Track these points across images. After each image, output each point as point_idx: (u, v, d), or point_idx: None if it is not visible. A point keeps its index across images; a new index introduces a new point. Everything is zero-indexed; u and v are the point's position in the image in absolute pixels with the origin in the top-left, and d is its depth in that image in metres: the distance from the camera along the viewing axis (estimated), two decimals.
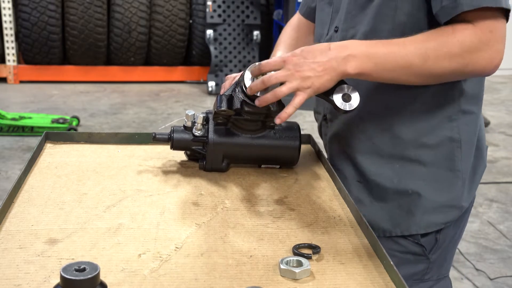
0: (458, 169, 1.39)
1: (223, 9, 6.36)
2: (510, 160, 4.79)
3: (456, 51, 1.21)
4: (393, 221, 1.41)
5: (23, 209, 1.22)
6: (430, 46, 1.22)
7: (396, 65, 1.23)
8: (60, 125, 4.83)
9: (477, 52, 1.21)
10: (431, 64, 1.22)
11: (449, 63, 1.22)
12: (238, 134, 1.42)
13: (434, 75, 1.25)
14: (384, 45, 1.24)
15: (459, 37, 1.21)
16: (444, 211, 1.40)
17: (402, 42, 1.24)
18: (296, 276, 1.00)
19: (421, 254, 1.43)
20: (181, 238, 1.14)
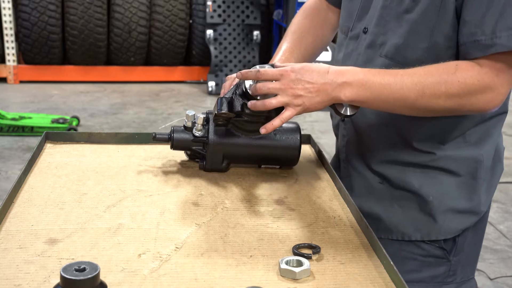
0: (480, 177, 1.39)
1: (223, 9, 6.36)
2: (510, 160, 4.79)
3: (454, 92, 1.21)
4: (414, 225, 1.40)
5: (23, 209, 1.22)
6: (429, 82, 1.22)
7: (391, 97, 1.24)
8: (60, 125, 4.83)
9: (476, 94, 1.21)
10: (426, 100, 1.22)
11: (445, 102, 1.22)
12: (238, 135, 1.42)
13: (428, 110, 1.26)
14: (382, 75, 1.24)
15: (461, 77, 1.20)
16: (464, 217, 1.40)
17: (401, 74, 1.24)
18: (296, 276, 1.00)
19: (442, 257, 1.42)
20: (181, 238, 1.14)
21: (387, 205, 1.42)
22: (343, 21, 1.51)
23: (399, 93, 1.23)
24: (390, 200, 1.42)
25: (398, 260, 1.31)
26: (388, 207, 1.42)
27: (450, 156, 1.37)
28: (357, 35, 1.42)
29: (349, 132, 1.49)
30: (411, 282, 1.36)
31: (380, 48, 1.35)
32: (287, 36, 1.60)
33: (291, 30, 1.61)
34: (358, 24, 1.43)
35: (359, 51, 1.41)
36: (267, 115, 1.36)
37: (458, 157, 1.37)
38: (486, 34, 1.19)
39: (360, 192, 1.46)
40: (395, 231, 1.42)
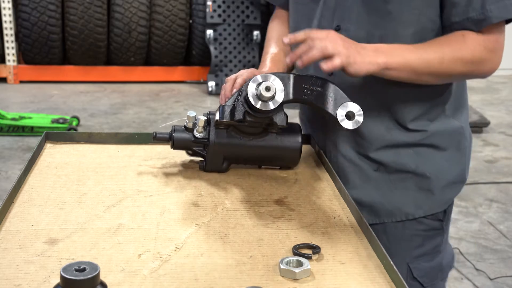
0: (463, 148, 1.52)
1: (223, 9, 6.36)
2: (510, 160, 4.79)
3: (468, 58, 1.35)
4: (415, 204, 1.50)
5: (23, 209, 1.22)
6: (446, 50, 1.34)
7: (418, 66, 1.34)
8: (60, 125, 4.83)
9: (484, 60, 1.36)
10: (446, 66, 1.35)
11: (461, 67, 1.36)
12: (239, 136, 1.42)
13: (447, 75, 1.39)
14: (407, 46, 1.36)
15: (470, 46, 1.34)
16: (455, 186, 1.53)
17: (424, 46, 1.36)
18: (296, 276, 1.00)
19: (439, 228, 1.54)
20: (181, 238, 1.14)
21: (385, 190, 1.50)
22: (297, 24, 1.56)
23: (423, 61, 1.34)
24: (387, 185, 1.50)
25: (404, 239, 1.50)
26: (387, 192, 1.50)
27: (437, 131, 1.47)
28: None
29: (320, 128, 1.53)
30: (417, 257, 1.52)
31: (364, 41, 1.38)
32: (269, 42, 1.65)
33: (270, 36, 1.67)
34: (325, 24, 1.46)
35: None
36: (269, 122, 1.36)
37: (444, 132, 1.48)
38: (477, 10, 1.32)
39: (356, 184, 1.50)
40: (398, 213, 1.50)
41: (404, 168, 1.48)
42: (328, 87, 1.30)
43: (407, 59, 1.33)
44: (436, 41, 1.36)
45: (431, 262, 1.54)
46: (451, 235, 3.44)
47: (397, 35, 1.38)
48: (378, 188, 1.50)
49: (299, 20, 1.56)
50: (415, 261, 1.51)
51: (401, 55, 1.33)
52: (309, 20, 1.51)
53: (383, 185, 1.50)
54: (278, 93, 1.27)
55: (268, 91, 1.25)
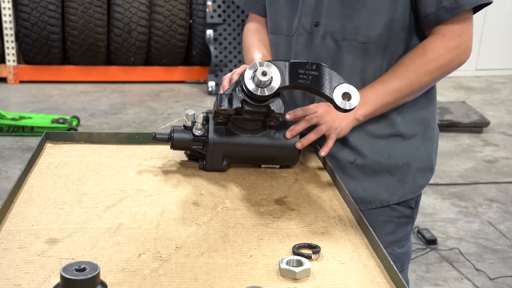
0: (430, 137, 1.62)
1: (223, 9, 6.36)
2: (510, 160, 4.79)
3: (432, 68, 1.46)
4: (389, 191, 1.58)
5: (23, 209, 1.22)
6: (410, 72, 1.47)
7: (390, 97, 1.49)
8: (60, 125, 4.83)
9: (450, 60, 1.46)
10: (416, 84, 1.48)
11: (430, 78, 1.48)
12: (238, 134, 1.43)
13: (421, 89, 1.52)
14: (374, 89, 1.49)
15: (431, 55, 1.45)
16: (425, 174, 1.62)
17: (385, 79, 1.49)
18: (296, 276, 1.00)
19: (410, 216, 1.65)
20: (181, 238, 1.14)
21: (361, 179, 1.59)
22: (277, 24, 1.63)
23: (393, 91, 1.48)
24: (362, 174, 1.58)
25: (378, 225, 1.56)
26: (362, 181, 1.59)
27: (406, 121, 1.57)
28: (308, 30, 1.55)
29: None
30: (390, 243, 1.61)
31: (339, 34, 1.50)
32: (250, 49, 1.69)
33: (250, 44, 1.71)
34: (305, 21, 1.55)
35: (315, 43, 1.54)
36: (267, 112, 1.36)
37: (410, 121, 1.58)
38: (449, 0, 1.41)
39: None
40: (373, 200, 1.59)
41: (378, 158, 1.57)
42: (323, 70, 1.31)
43: (379, 99, 1.48)
44: (399, 66, 1.48)
45: (402, 248, 1.65)
46: (451, 235, 3.44)
47: (369, 26, 1.47)
48: (353, 178, 1.58)
49: (279, 20, 1.61)
50: (389, 247, 1.60)
51: (373, 100, 1.48)
52: (290, 19, 1.58)
53: (357, 174, 1.58)
54: (275, 79, 1.29)
55: (265, 75, 1.28)
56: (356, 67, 1.52)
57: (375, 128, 1.57)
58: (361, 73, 1.53)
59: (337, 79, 1.30)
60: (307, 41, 1.56)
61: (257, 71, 1.28)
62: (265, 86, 1.29)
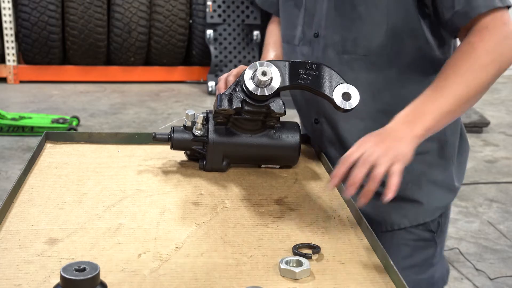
0: (447, 155, 1.48)
1: (223, 9, 6.36)
2: (510, 160, 4.79)
3: (487, 62, 1.26)
4: (400, 213, 1.46)
5: (23, 209, 1.22)
6: (463, 71, 1.26)
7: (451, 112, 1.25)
8: (60, 125, 4.83)
9: (503, 50, 1.27)
10: (474, 85, 1.26)
11: (487, 74, 1.26)
12: (238, 134, 1.43)
13: (481, 90, 1.28)
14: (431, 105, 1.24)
15: (482, 48, 1.26)
16: (444, 194, 1.48)
17: (442, 89, 1.25)
18: (296, 276, 1.00)
19: (430, 239, 1.50)
20: (181, 238, 1.13)
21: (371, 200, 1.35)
22: (284, 30, 1.57)
23: (452, 97, 1.24)
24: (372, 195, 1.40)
25: (392, 248, 1.41)
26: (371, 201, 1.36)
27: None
28: (309, 41, 1.48)
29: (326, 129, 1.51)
30: (406, 268, 1.43)
31: (339, 46, 1.40)
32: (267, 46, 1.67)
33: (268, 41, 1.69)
34: (307, 31, 1.47)
35: (316, 55, 1.46)
36: (267, 112, 1.36)
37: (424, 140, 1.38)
38: (461, 3, 1.27)
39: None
40: (384, 222, 1.48)
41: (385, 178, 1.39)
42: (323, 70, 1.31)
43: (438, 109, 1.23)
44: (449, 68, 1.28)
45: (421, 274, 1.50)
46: (451, 235, 3.44)
47: (370, 36, 1.37)
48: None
49: (285, 27, 1.57)
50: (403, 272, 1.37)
51: (431, 111, 1.23)
52: (293, 27, 1.53)
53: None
54: (275, 79, 1.29)
55: (265, 75, 1.28)
56: (361, 81, 1.38)
57: None
58: (370, 87, 1.40)
59: (337, 79, 1.30)
60: (309, 53, 1.49)
61: (257, 71, 1.28)
62: (265, 86, 1.29)
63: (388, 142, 1.17)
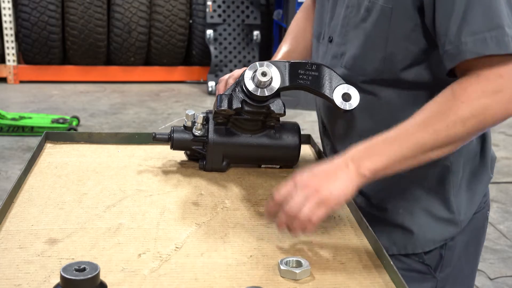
0: (450, 184, 1.33)
1: (223, 9, 6.36)
2: (510, 160, 4.79)
3: (465, 115, 1.10)
4: (389, 239, 1.35)
5: (23, 209, 1.22)
6: (435, 120, 1.12)
7: (407, 150, 1.12)
8: (60, 125, 4.83)
9: (488, 105, 1.10)
10: (444, 136, 1.12)
11: (463, 128, 1.11)
12: (238, 134, 1.43)
13: (455, 142, 1.14)
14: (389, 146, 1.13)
15: (463, 97, 1.10)
16: (441, 227, 1.34)
17: (406, 133, 1.13)
18: (296, 276, 1.00)
19: (426, 272, 1.36)
20: (181, 238, 1.14)
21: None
22: (315, 26, 1.49)
23: (413, 144, 1.12)
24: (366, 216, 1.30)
25: None
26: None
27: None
28: (326, 42, 1.40)
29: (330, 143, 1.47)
30: None
31: (341, 58, 1.33)
32: (286, 37, 1.61)
33: (289, 30, 1.62)
34: (328, 31, 1.39)
35: (326, 59, 1.38)
36: (267, 112, 1.36)
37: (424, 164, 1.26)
38: (452, 43, 1.12)
39: None
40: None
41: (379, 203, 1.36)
42: (323, 71, 1.31)
43: (394, 152, 1.12)
44: (423, 112, 1.14)
45: None
46: None
47: (367, 57, 1.27)
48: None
49: (316, 20, 1.49)
50: None
51: (385, 152, 1.12)
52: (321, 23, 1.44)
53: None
54: (275, 79, 1.29)
55: (265, 76, 1.28)
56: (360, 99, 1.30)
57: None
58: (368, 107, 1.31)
59: (337, 80, 1.30)
60: (323, 55, 1.40)
61: (257, 72, 1.28)
62: (265, 86, 1.29)
63: (322, 182, 1.09)
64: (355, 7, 1.29)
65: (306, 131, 4.84)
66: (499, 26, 1.09)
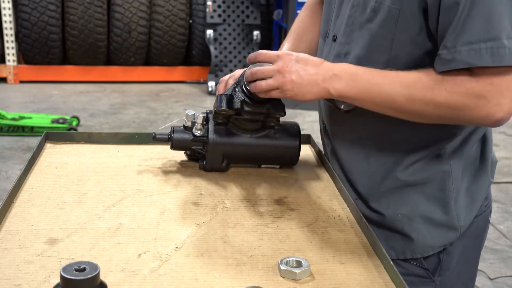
0: (450, 189, 1.33)
1: (223, 9, 6.37)
2: (510, 160, 4.79)
3: (441, 101, 1.14)
4: (387, 244, 1.34)
5: (23, 209, 1.22)
6: (417, 88, 1.16)
7: (379, 99, 1.20)
8: (60, 125, 4.84)
9: (468, 105, 1.12)
10: (415, 106, 1.17)
11: (433, 111, 1.16)
12: (238, 134, 1.43)
13: (418, 116, 1.20)
14: (372, 74, 1.20)
15: (448, 86, 1.13)
16: (440, 232, 1.34)
17: (391, 76, 1.19)
18: (296, 276, 1.00)
19: (425, 276, 1.37)
20: (181, 238, 1.14)
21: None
22: (322, 25, 1.49)
23: (386, 94, 1.18)
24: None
25: None
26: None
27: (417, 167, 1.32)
28: (330, 41, 1.40)
29: (329, 144, 1.47)
30: None
31: (345, 57, 1.32)
32: (288, 35, 1.60)
33: (292, 29, 1.61)
34: (333, 30, 1.39)
35: (329, 58, 1.36)
36: (267, 112, 1.36)
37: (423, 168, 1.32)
38: (448, 48, 1.13)
39: None
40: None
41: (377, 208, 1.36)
42: None
43: (368, 85, 1.19)
44: (411, 74, 1.18)
45: None
46: None
47: (371, 58, 1.27)
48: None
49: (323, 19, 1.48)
50: None
51: (361, 80, 1.19)
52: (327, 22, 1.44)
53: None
54: None
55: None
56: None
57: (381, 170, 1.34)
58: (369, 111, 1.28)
59: None
60: (326, 55, 1.40)
61: None
62: None
63: (297, 79, 1.22)
64: (360, 7, 1.28)
65: (306, 131, 4.85)
66: (497, 37, 1.09)
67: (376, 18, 1.25)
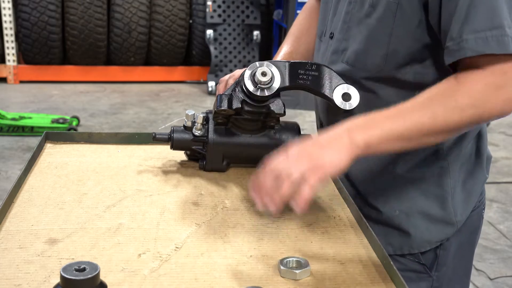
0: (447, 185, 1.34)
1: (223, 9, 6.37)
2: (510, 160, 4.79)
3: (464, 103, 1.10)
4: (385, 240, 1.35)
5: (23, 209, 1.22)
6: (436, 104, 1.11)
7: (406, 131, 1.12)
8: (60, 125, 4.83)
9: (489, 98, 1.11)
10: (441, 121, 1.11)
11: (460, 116, 1.11)
12: (238, 134, 1.43)
13: (448, 130, 1.15)
14: (384, 114, 1.13)
15: (465, 87, 1.11)
16: (437, 228, 1.35)
17: (405, 111, 1.13)
18: (296, 276, 1.00)
19: (422, 271, 1.38)
20: (181, 238, 1.14)
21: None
22: (318, 25, 1.50)
23: (412, 124, 1.11)
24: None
25: None
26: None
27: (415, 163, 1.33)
28: (327, 39, 1.41)
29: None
30: None
31: (342, 54, 1.33)
32: (287, 37, 1.61)
33: (291, 31, 1.62)
34: (329, 28, 1.40)
35: (326, 56, 1.39)
36: (267, 112, 1.36)
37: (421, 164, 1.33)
38: (454, 39, 1.13)
39: None
40: None
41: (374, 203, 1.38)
42: (323, 71, 1.31)
43: (391, 127, 1.11)
44: (424, 95, 1.14)
45: None
46: None
47: (369, 53, 1.28)
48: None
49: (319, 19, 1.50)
50: None
51: (383, 126, 1.10)
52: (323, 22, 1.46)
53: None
54: (275, 79, 1.29)
55: (265, 76, 1.27)
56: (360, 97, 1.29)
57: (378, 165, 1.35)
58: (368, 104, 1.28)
59: (337, 79, 1.30)
60: (323, 53, 1.41)
61: (256, 72, 1.28)
62: (265, 86, 1.29)
63: (315, 151, 1.08)
64: (358, 3, 1.29)
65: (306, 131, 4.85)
66: (500, 26, 1.10)
67: (374, 13, 1.26)
